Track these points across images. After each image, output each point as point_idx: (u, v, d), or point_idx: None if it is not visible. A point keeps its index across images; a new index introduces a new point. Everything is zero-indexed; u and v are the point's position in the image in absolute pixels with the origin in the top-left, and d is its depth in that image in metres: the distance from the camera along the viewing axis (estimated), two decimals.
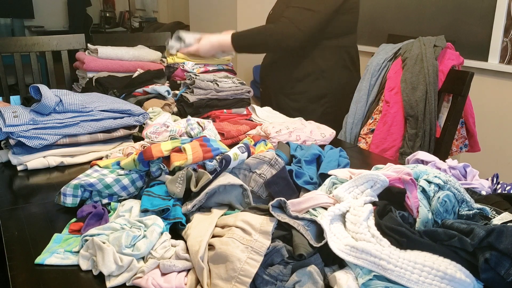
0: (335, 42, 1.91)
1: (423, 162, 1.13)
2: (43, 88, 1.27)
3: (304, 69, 1.94)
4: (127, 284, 0.76)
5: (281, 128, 1.44)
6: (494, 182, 1.06)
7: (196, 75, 1.70)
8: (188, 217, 0.90)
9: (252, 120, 1.67)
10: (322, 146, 1.51)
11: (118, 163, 1.04)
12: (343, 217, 0.81)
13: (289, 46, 1.82)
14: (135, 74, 1.92)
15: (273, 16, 1.98)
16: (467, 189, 1.01)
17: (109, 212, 0.96)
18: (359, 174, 0.87)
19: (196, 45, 1.86)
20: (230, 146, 1.22)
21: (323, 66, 1.94)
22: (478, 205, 0.85)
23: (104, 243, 0.79)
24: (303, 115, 1.94)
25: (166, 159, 1.00)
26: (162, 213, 0.90)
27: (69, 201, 0.98)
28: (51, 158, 1.27)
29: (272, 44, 1.84)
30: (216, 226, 0.82)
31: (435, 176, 0.84)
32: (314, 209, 0.85)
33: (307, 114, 1.96)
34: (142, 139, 1.36)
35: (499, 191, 1.03)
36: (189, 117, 1.43)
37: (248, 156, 1.01)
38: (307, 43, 1.85)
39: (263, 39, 1.82)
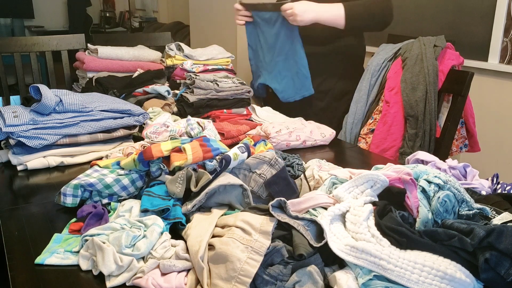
0: (358, 38, 1.92)
1: (423, 162, 1.13)
2: (43, 88, 1.27)
3: (330, 66, 1.91)
4: (127, 284, 0.76)
5: (281, 128, 1.44)
6: (494, 182, 1.06)
7: (196, 74, 1.70)
8: (188, 217, 0.90)
9: (252, 120, 1.67)
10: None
11: (118, 163, 1.04)
12: (343, 217, 0.81)
13: (390, 20, 1.77)
14: (135, 74, 1.92)
15: None
16: (467, 189, 1.01)
17: (109, 212, 0.96)
18: (359, 174, 0.87)
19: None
20: (230, 146, 1.22)
21: (347, 62, 1.94)
22: (478, 205, 0.85)
23: (104, 243, 0.79)
24: (326, 113, 1.94)
25: (166, 159, 1.00)
26: (162, 213, 0.90)
27: (69, 201, 0.99)
28: (51, 158, 1.27)
29: (387, 13, 1.75)
30: (216, 226, 0.82)
31: (435, 176, 0.84)
32: (314, 209, 0.85)
33: (330, 112, 1.96)
34: (142, 139, 1.36)
35: (499, 191, 1.03)
36: (189, 117, 1.43)
37: (248, 156, 1.01)
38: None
39: (380, 7, 1.73)
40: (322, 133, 1.50)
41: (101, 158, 1.29)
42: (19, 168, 1.25)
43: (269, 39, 1.87)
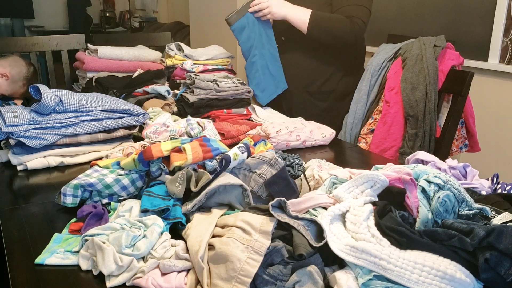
0: (359, 39, 1.92)
1: (423, 162, 1.13)
2: (43, 88, 1.27)
3: (331, 66, 1.91)
4: (127, 284, 0.76)
5: (281, 128, 1.44)
6: (494, 182, 1.06)
7: (196, 74, 1.70)
8: (188, 217, 0.90)
9: (252, 120, 1.67)
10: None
11: (118, 163, 1.04)
12: (343, 217, 0.81)
13: (351, 42, 1.81)
14: (135, 74, 1.92)
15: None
16: (467, 189, 1.01)
17: (109, 212, 0.96)
18: (359, 174, 0.87)
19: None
20: (230, 146, 1.22)
21: (349, 62, 1.94)
22: (478, 205, 0.85)
23: (104, 243, 0.79)
24: (329, 114, 1.93)
25: (166, 159, 1.00)
26: (162, 213, 0.90)
27: (69, 201, 0.99)
28: (51, 158, 1.27)
29: (346, 36, 1.78)
30: (216, 226, 0.82)
31: (435, 176, 0.84)
32: (314, 209, 0.85)
33: (333, 112, 1.95)
34: (142, 139, 1.36)
35: (499, 191, 1.03)
36: (189, 117, 1.43)
37: (248, 156, 1.01)
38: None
39: (341, 27, 1.76)
40: (322, 133, 1.50)
41: (101, 158, 1.29)
42: (19, 168, 1.25)
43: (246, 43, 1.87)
